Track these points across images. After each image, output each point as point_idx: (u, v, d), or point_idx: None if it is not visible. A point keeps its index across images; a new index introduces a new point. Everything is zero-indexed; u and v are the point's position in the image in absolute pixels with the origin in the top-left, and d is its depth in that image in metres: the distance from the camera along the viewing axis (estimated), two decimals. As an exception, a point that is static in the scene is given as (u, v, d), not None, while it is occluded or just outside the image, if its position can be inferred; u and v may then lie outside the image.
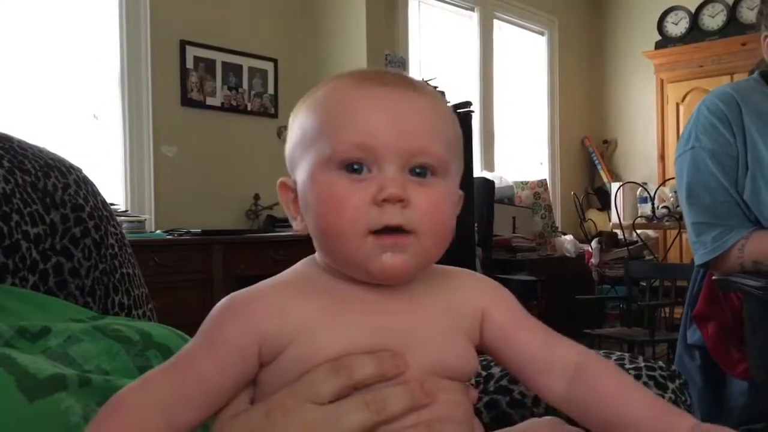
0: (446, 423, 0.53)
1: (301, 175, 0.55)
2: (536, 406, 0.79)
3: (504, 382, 0.81)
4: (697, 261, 1.66)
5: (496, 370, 0.84)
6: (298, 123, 0.57)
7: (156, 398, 0.51)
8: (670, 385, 0.75)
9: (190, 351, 0.54)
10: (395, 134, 0.52)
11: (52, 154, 0.93)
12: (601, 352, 0.82)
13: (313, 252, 0.58)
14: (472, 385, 0.61)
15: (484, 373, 0.84)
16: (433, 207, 0.53)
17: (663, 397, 0.75)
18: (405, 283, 0.55)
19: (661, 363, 0.77)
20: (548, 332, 0.60)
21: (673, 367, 0.77)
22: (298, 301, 0.54)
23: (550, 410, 0.77)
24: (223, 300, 0.55)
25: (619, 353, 0.81)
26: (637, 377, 0.76)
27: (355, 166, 0.52)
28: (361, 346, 0.52)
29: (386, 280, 0.54)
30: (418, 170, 0.53)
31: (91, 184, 0.95)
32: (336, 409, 0.51)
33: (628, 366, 0.77)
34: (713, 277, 1.64)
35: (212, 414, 0.54)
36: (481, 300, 0.59)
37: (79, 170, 0.94)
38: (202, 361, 0.53)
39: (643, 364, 0.77)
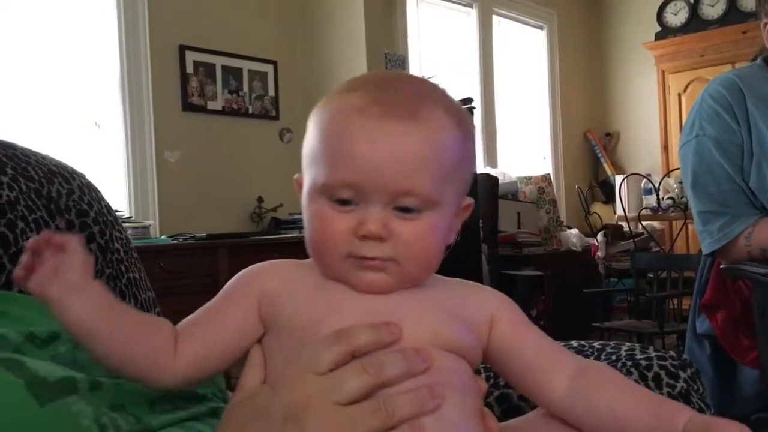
0: (447, 389, 0.54)
1: (304, 186, 0.60)
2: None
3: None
4: (705, 250, 1.65)
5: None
6: (309, 133, 0.60)
7: (179, 329, 0.60)
8: (682, 375, 0.75)
9: (208, 304, 0.62)
10: (383, 176, 0.55)
11: (56, 160, 0.93)
12: (612, 343, 0.81)
13: None
14: (482, 377, 0.61)
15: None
16: (416, 239, 0.56)
17: (675, 386, 0.74)
18: (387, 293, 0.59)
19: (672, 353, 0.76)
20: (552, 341, 0.62)
21: (685, 357, 0.76)
22: (300, 274, 0.60)
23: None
24: (243, 270, 0.63)
25: (629, 344, 0.81)
26: (649, 367, 0.76)
27: (344, 200, 0.56)
28: (356, 319, 0.56)
29: (367, 291, 0.58)
30: (402, 207, 0.56)
31: (95, 190, 0.95)
32: (336, 376, 0.54)
33: (639, 356, 0.76)
34: (721, 266, 1.64)
35: (213, 350, 0.59)
36: (489, 307, 0.62)
37: (82, 176, 0.94)
38: (214, 310, 0.61)
39: (654, 354, 0.77)
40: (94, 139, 3.45)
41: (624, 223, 4.54)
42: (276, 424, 0.53)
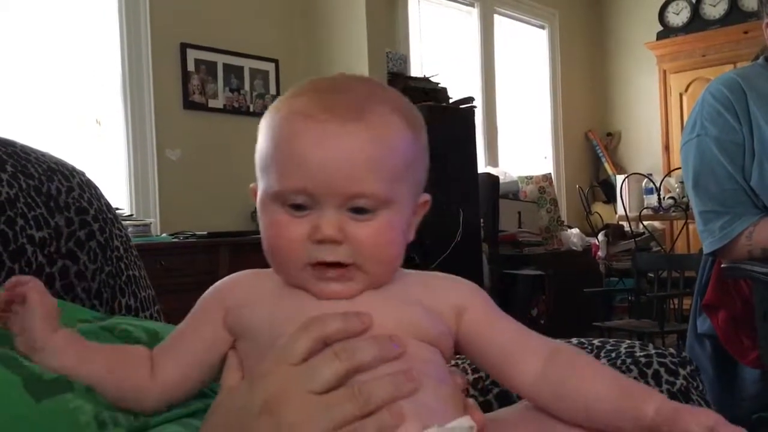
0: (423, 377, 0.54)
1: (258, 194, 0.60)
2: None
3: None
4: (706, 249, 1.65)
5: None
6: (259, 139, 0.60)
7: (155, 357, 0.62)
8: (681, 372, 0.75)
9: (179, 326, 0.64)
10: (334, 179, 0.55)
11: (55, 158, 0.93)
12: (611, 341, 0.81)
13: None
14: (460, 373, 0.62)
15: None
16: (372, 239, 0.56)
17: (674, 384, 0.74)
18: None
19: (671, 350, 0.76)
20: (523, 327, 0.62)
21: (684, 354, 0.76)
22: (261, 283, 0.61)
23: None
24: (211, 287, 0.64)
25: (629, 342, 0.80)
26: (648, 364, 0.75)
27: (297, 205, 0.56)
28: (319, 310, 0.56)
29: (328, 299, 0.57)
30: (355, 208, 0.56)
31: (95, 187, 0.94)
32: (309, 365, 0.54)
33: (638, 353, 0.76)
34: (722, 265, 1.64)
35: (191, 375, 0.61)
36: (458, 297, 0.61)
37: (82, 173, 0.94)
38: (183, 332, 0.63)
39: (653, 351, 0.77)
40: (95, 137, 3.45)
41: (625, 223, 4.54)
42: (253, 417, 0.53)
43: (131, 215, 3.35)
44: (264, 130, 0.60)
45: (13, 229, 0.79)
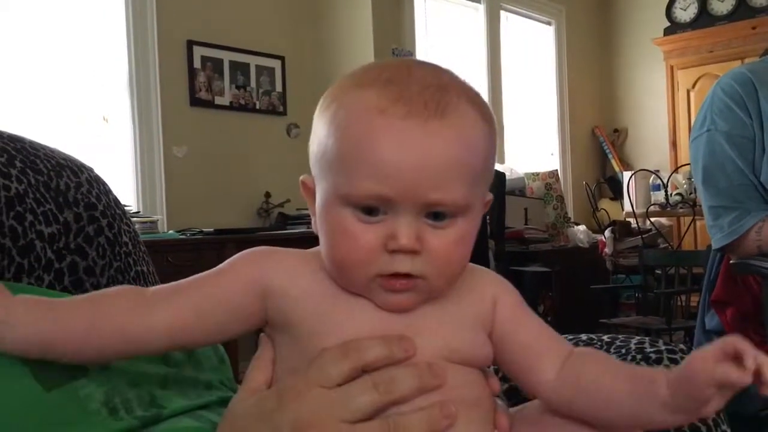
0: (459, 405, 0.52)
1: (319, 193, 0.55)
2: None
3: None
4: (715, 245, 1.64)
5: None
6: (321, 131, 0.54)
7: (147, 292, 0.57)
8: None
9: (200, 274, 0.57)
10: (413, 183, 0.50)
11: (64, 153, 0.93)
12: (621, 336, 0.81)
13: None
14: (493, 376, 0.60)
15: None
16: (447, 251, 0.52)
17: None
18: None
19: (681, 346, 0.76)
20: (547, 326, 0.60)
21: (695, 350, 0.76)
22: (309, 274, 0.55)
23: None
24: (248, 249, 0.58)
25: (639, 338, 0.80)
26: (659, 360, 0.75)
27: (370, 209, 0.51)
28: (369, 330, 0.53)
29: (391, 311, 0.54)
30: (434, 214, 0.52)
31: (103, 183, 0.95)
32: (345, 392, 0.51)
33: (649, 349, 0.76)
34: (731, 261, 1.63)
35: (205, 341, 0.57)
36: (492, 291, 0.59)
37: (90, 169, 0.94)
38: (207, 278, 0.57)
39: (663, 348, 0.76)
40: (102, 134, 3.46)
41: (632, 220, 4.52)
42: None
43: (138, 212, 3.36)
44: (327, 121, 0.54)
45: (23, 224, 0.80)
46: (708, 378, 0.47)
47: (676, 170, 4.79)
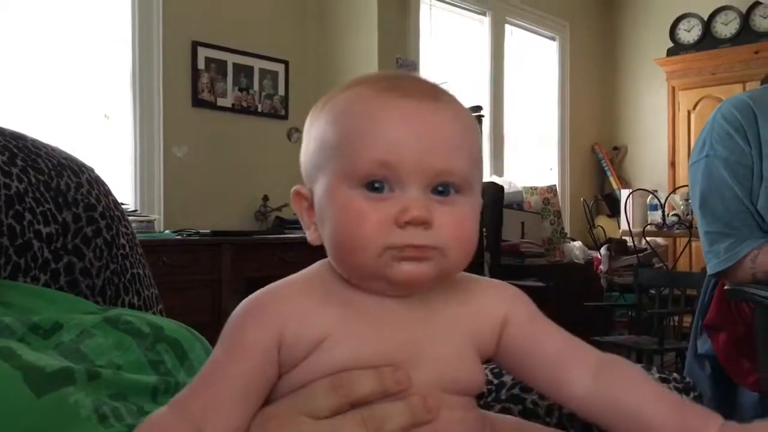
0: None
1: (319, 187, 0.53)
2: (549, 416, 0.78)
3: (516, 390, 0.81)
4: (710, 271, 1.64)
5: (508, 379, 0.83)
6: (316, 131, 0.54)
7: (187, 415, 0.49)
8: (685, 398, 0.74)
9: (215, 360, 0.53)
10: (419, 152, 0.50)
11: (65, 153, 0.93)
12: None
13: (323, 255, 0.56)
14: (484, 393, 0.60)
15: (496, 381, 0.83)
16: (458, 226, 0.52)
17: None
18: (422, 291, 0.54)
19: (675, 375, 0.76)
20: (567, 333, 0.58)
21: (688, 379, 0.76)
22: (316, 309, 0.53)
23: (563, 420, 0.76)
24: (242, 303, 0.54)
25: (631, 363, 0.80)
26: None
27: (377, 185, 0.50)
28: (368, 359, 0.51)
29: (405, 286, 0.52)
30: (441, 188, 0.51)
31: (103, 184, 0.95)
32: (332, 425, 0.50)
33: (642, 376, 0.76)
34: (725, 287, 1.63)
35: (247, 418, 0.51)
36: (502, 307, 0.57)
37: (91, 170, 0.94)
38: (228, 367, 0.51)
39: (657, 376, 0.76)
40: (103, 131, 3.45)
41: (628, 238, 4.53)
42: None
43: (135, 210, 3.36)
44: (322, 118, 0.54)
45: (21, 223, 0.80)
46: None
47: (674, 191, 4.80)
